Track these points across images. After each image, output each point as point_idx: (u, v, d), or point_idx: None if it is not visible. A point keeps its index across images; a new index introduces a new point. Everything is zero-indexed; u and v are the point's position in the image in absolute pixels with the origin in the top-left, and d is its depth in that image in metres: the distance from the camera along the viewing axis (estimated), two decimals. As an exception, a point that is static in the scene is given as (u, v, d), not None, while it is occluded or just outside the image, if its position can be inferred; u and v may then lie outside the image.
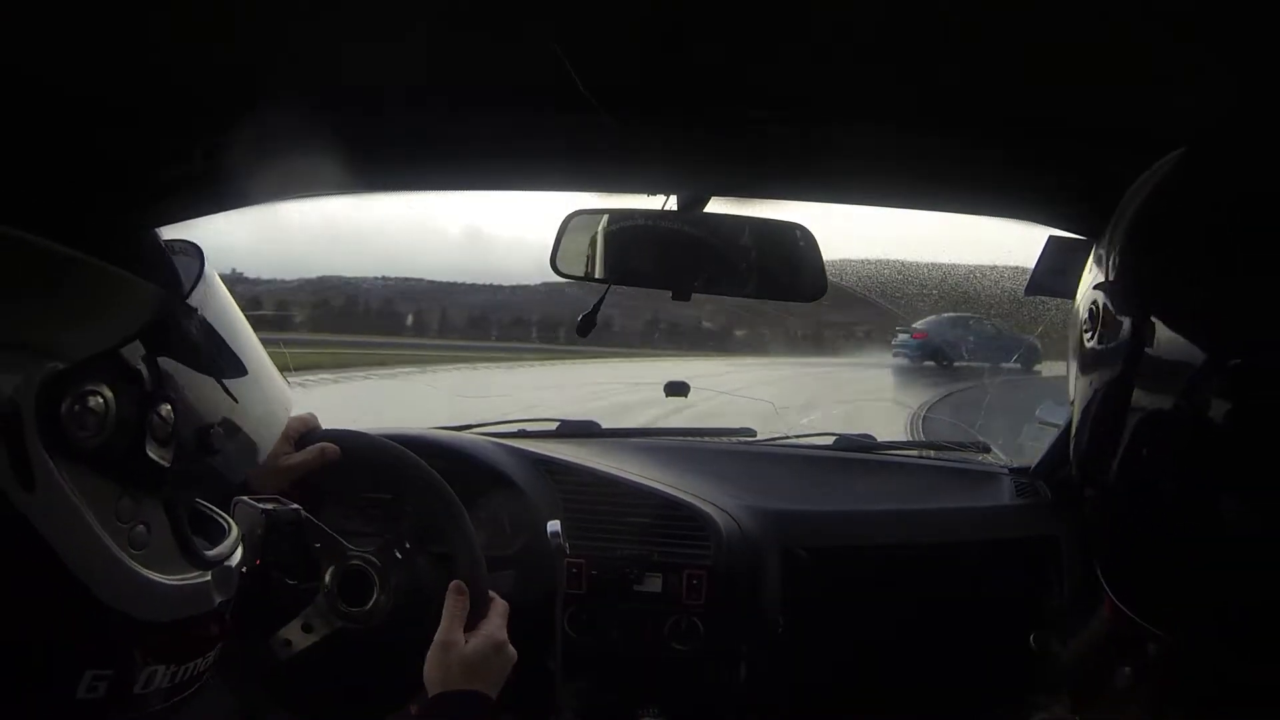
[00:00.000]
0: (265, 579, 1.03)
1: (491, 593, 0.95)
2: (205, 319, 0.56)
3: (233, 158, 0.75)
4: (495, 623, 0.92)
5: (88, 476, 0.47)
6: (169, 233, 1.00)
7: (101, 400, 0.47)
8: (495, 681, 0.88)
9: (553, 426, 1.60)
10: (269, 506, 0.84)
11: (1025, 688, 1.29)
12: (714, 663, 1.22)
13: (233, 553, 0.59)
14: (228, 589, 0.57)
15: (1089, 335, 0.46)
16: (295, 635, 0.99)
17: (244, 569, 0.62)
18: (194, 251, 0.58)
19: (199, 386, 0.54)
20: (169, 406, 0.51)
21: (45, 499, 0.45)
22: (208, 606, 0.55)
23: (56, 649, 0.47)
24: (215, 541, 0.58)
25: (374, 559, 1.00)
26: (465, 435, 1.40)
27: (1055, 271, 0.90)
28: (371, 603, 0.99)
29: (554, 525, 1.07)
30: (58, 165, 0.59)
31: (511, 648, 0.91)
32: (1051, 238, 0.89)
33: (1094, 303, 0.46)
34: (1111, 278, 0.47)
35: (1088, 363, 0.47)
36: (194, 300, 0.56)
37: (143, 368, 0.50)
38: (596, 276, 1.00)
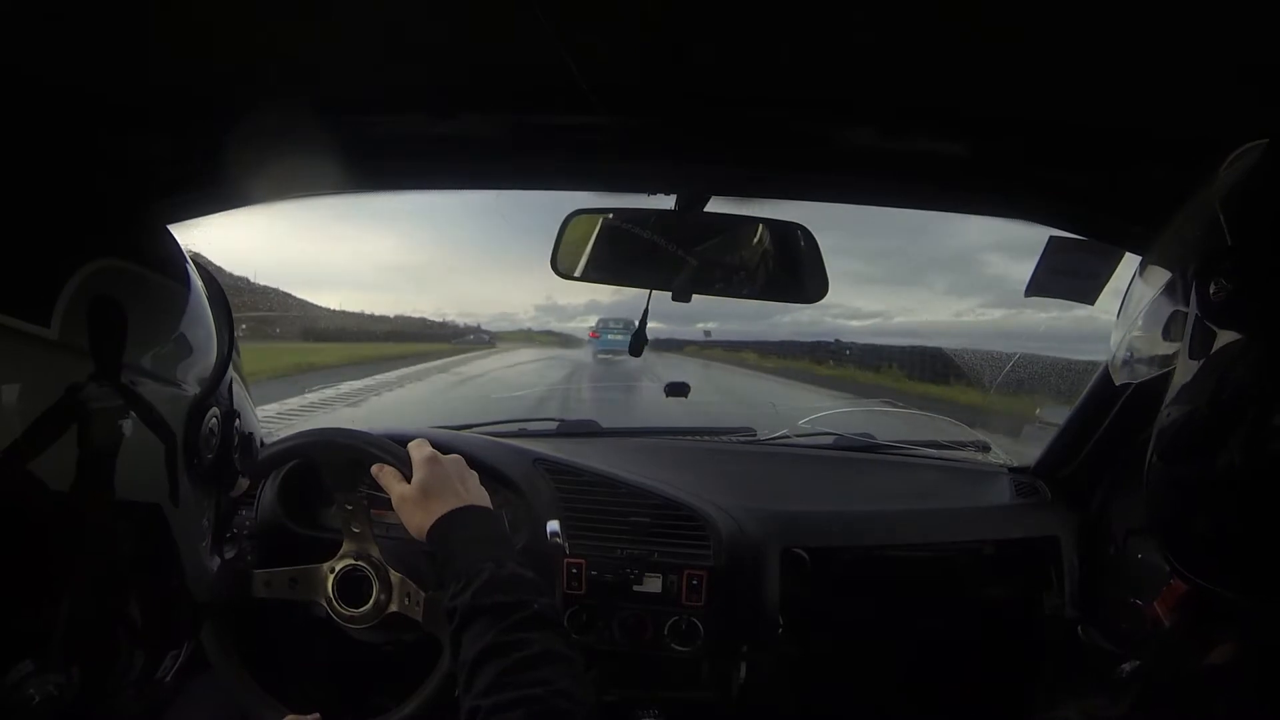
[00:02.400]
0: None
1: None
2: (235, 337, 0.60)
3: (233, 158, 0.75)
4: (415, 452, 0.88)
5: (197, 487, 0.52)
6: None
7: (216, 421, 0.53)
8: (459, 484, 0.85)
9: (553, 426, 1.60)
10: None
11: (1033, 685, 1.30)
12: (714, 663, 1.22)
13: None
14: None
15: (1209, 314, 0.46)
16: (279, 582, 1.00)
17: None
18: (205, 270, 0.61)
19: (240, 398, 0.59)
20: (239, 419, 0.57)
21: (183, 512, 0.51)
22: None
23: (161, 638, 0.53)
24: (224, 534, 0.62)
25: (372, 559, 1.00)
26: (465, 434, 1.40)
27: (1055, 271, 0.90)
28: (370, 603, 0.99)
29: (553, 525, 1.07)
30: (57, 165, 0.59)
31: (451, 456, 0.89)
32: (1052, 238, 0.89)
33: (1212, 290, 0.46)
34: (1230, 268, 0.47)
35: (1199, 344, 0.47)
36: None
37: (227, 387, 0.56)
38: (595, 277, 1.00)
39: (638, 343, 1.02)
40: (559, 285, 0.96)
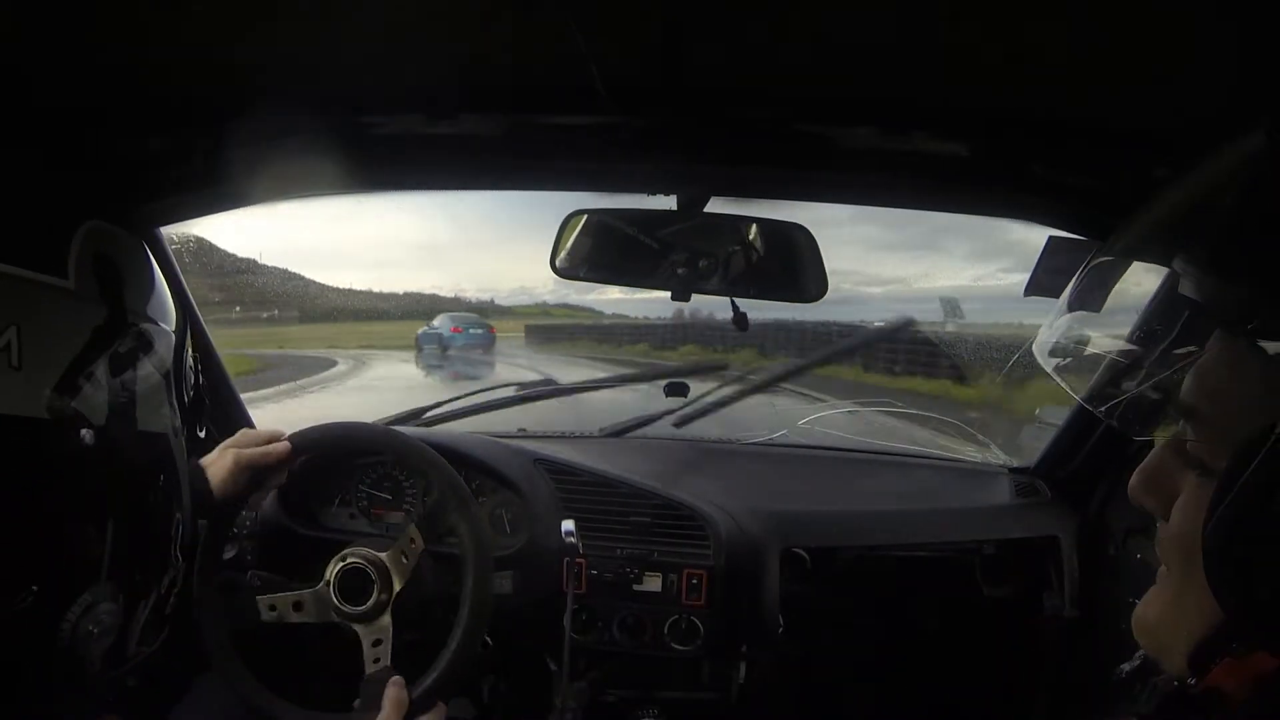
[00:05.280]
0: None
1: (440, 704, 0.95)
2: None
3: (233, 158, 0.75)
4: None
5: (184, 421, 0.57)
6: (168, 232, 1.01)
7: (192, 360, 0.59)
8: None
9: (511, 391, 1.59)
10: None
11: (1034, 685, 1.29)
12: (714, 663, 1.22)
13: None
14: None
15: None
16: (283, 606, 1.00)
17: None
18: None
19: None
20: (195, 359, 0.63)
21: (178, 441, 0.55)
22: None
23: (173, 573, 0.56)
24: None
25: (374, 558, 1.00)
26: (465, 435, 1.40)
27: (1055, 271, 0.90)
28: (371, 602, 0.99)
29: (568, 525, 1.07)
30: (59, 166, 0.59)
31: None
32: (1051, 238, 0.89)
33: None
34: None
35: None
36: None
37: (195, 328, 0.59)
38: (595, 276, 1.00)
39: (742, 319, 1.01)
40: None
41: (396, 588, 0.99)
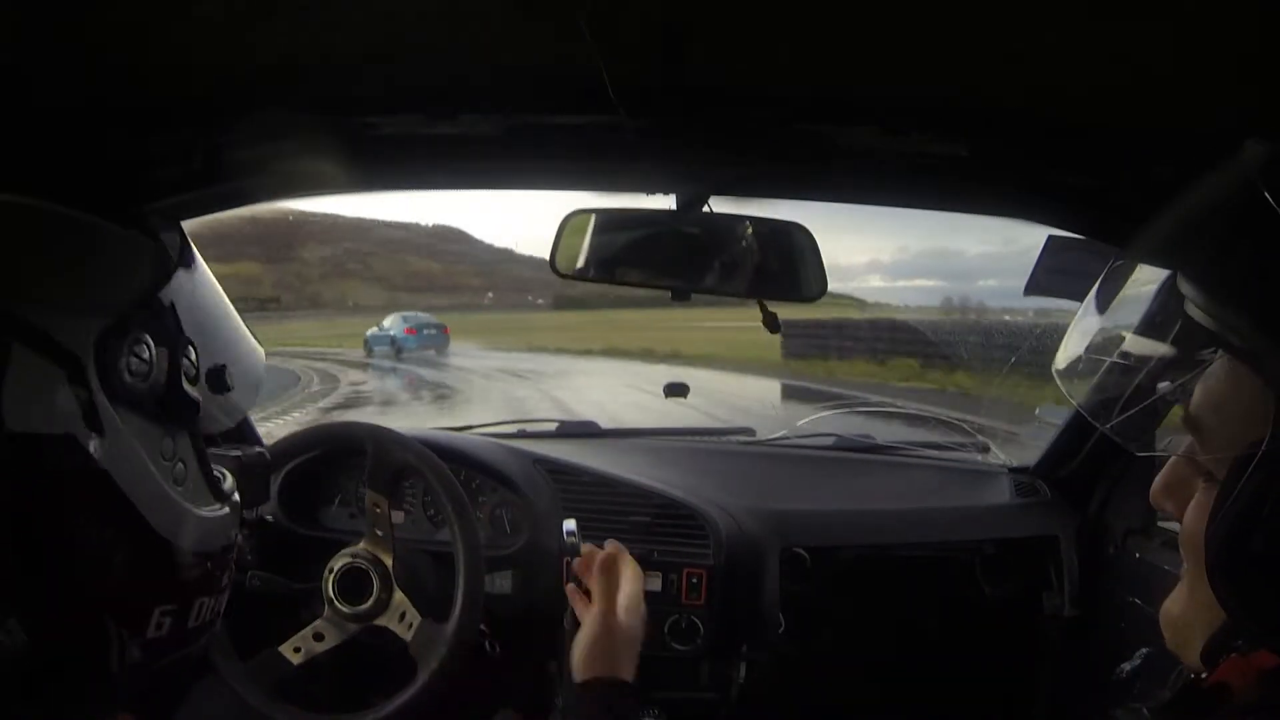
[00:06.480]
0: (263, 584, 1.04)
1: (624, 555, 0.93)
2: (198, 270, 0.60)
3: (233, 158, 0.75)
4: (636, 591, 0.90)
5: (139, 420, 0.50)
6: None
7: (147, 348, 0.51)
8: (634, 657, 0.89)
9: (552, 427, 1.60)
10: (236, 453, 0.86)
11: (1033, 685, 1.29)
12: (714, 663, 1.22)
13: (234, 491, 0.61)
14: (237, 523, 0.60)
15: None
16: (306, 643, 1.00)
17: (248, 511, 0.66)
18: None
19: (206, 331, 0.58)
20: (193, 349, 0.55)
21: (112, 443, 0.48)
22: (230, 538, 0.59)
23: (132, 588, 0.50)
24: (220, 481, 0.61)
25: (372, 556, 1.00)
26: (465, 435, 1.40)
27: (1055, 271, 0.90)
28: (371, 600, 0.99)
29: (569, 525, 1.07)
30: (59, 165, 0.59)
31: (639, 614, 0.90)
32: (1051, 237, 0.89)
33: None
34: None
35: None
36: (188, 256, 0.60)
37: (168, 315, 0.54)
38: (595, 276, 1.00)
39: (772, 319, 1.00)
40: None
41: (389, 563, 0.99)
